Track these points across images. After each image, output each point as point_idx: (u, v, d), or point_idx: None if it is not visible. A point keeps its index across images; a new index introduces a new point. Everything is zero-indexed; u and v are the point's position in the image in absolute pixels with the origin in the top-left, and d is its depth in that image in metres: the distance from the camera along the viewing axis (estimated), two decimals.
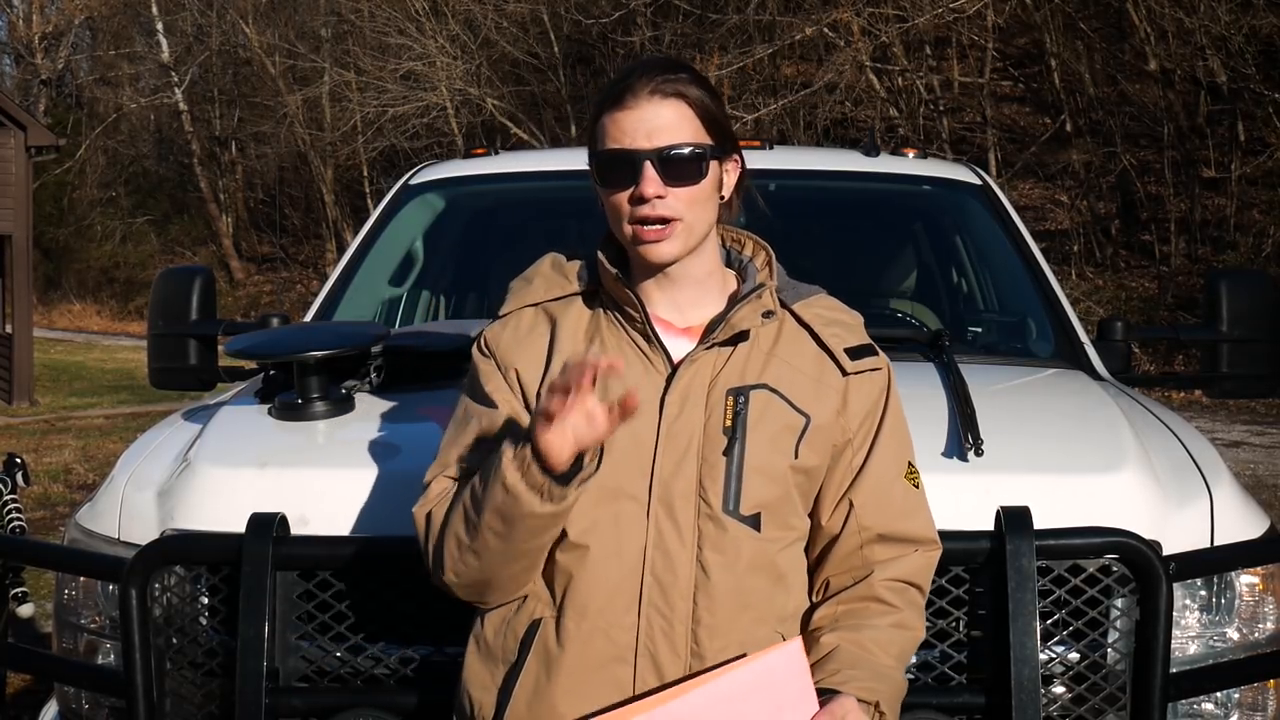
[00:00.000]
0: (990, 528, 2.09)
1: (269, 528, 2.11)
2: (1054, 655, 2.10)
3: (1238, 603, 2.22)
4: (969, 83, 21.00)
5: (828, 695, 1.74)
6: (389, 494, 2.15)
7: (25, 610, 3.86)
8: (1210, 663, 2.18)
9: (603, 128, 1.85)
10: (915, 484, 1.92)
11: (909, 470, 1.92)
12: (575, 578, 1.79)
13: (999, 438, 2.25)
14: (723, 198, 1.92)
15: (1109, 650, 2.09)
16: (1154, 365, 15.58)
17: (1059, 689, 2.10)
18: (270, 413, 2.52)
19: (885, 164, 3.93)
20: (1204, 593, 2.21)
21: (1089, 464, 2.28)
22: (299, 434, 2.44)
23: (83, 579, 2.39)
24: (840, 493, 1.88)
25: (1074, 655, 2.10)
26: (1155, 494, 2.23)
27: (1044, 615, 2.08)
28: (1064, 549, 2.09)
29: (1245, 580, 2.23)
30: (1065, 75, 20.62)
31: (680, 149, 1.82)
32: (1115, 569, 2.09)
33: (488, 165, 4.04)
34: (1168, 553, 2.12)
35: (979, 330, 3.86)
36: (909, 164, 3.99)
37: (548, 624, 1.80)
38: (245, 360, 2.79)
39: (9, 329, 19.13)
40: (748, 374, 1.86)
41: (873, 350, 1.94)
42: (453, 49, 24.08)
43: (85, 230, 39.20)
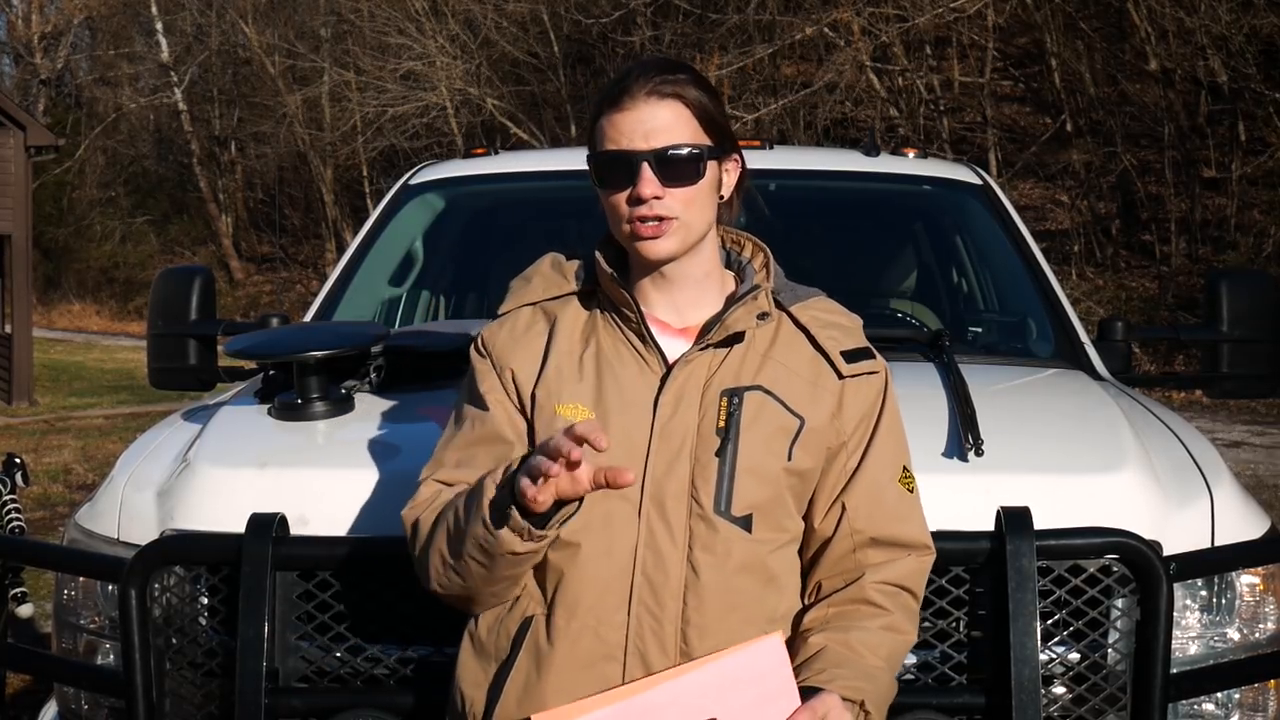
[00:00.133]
0: (990, 528, 2.09)
1: (269, 528, 2.11)
2: (1054, 655, 2.09)
3: (1238, 603, 2.22)
4: (969, 83, 21.00)
5: (812, 693, 1.73)
6: (389, 494, 2.15)
7: (25, 610, 3.87)
8: (1211, 663, 2.18)
9: (601, 129, 1.86)
10: (910, 488, 1.92)
11: (904, 475, 1.92)
12: (566, 575, 1.80)
13: (999, 438, 2.25)
14: (722, 198, 1.92)
15: (1109, 650, 2.09)
16: (1154, 365, 15.58)
17: (1059, 689, 2.10)
18: (270, 413, 2.52)
19: (885, 164, 3.93)
20: (1204, 593, 2.21)
21: (1089, 464, 2.28)
22: (299, 434, 2.44)
23: (82, 579, 2.38)
24: (834, 496, 1.88)
25: (1074, 655, 2.10)
26: (1155, 494, 2.23)
27: (1044, 615, 2.08)
28: (1064, 549, 2.09)
29: (1246, 580, 2.23)
30: (1065, 75, 20.62)
31: (677, 149, 1.82)
32: (1115, 569, 2.08)
33: (488, 165, 4.04)
34: (1168, 553, 2.11)
35: (979, 330, 3.85)
36: (909, 164, 3.99)
37: (539, 621, 1.81)
38: (245, 360, 2.79)
39: (9, 329, 19.13)
40: (743, 375, 1.86)
41: (870, 354, 1.94)
42: (452, 49, 24.08)
43: (85, 230, 39.20)
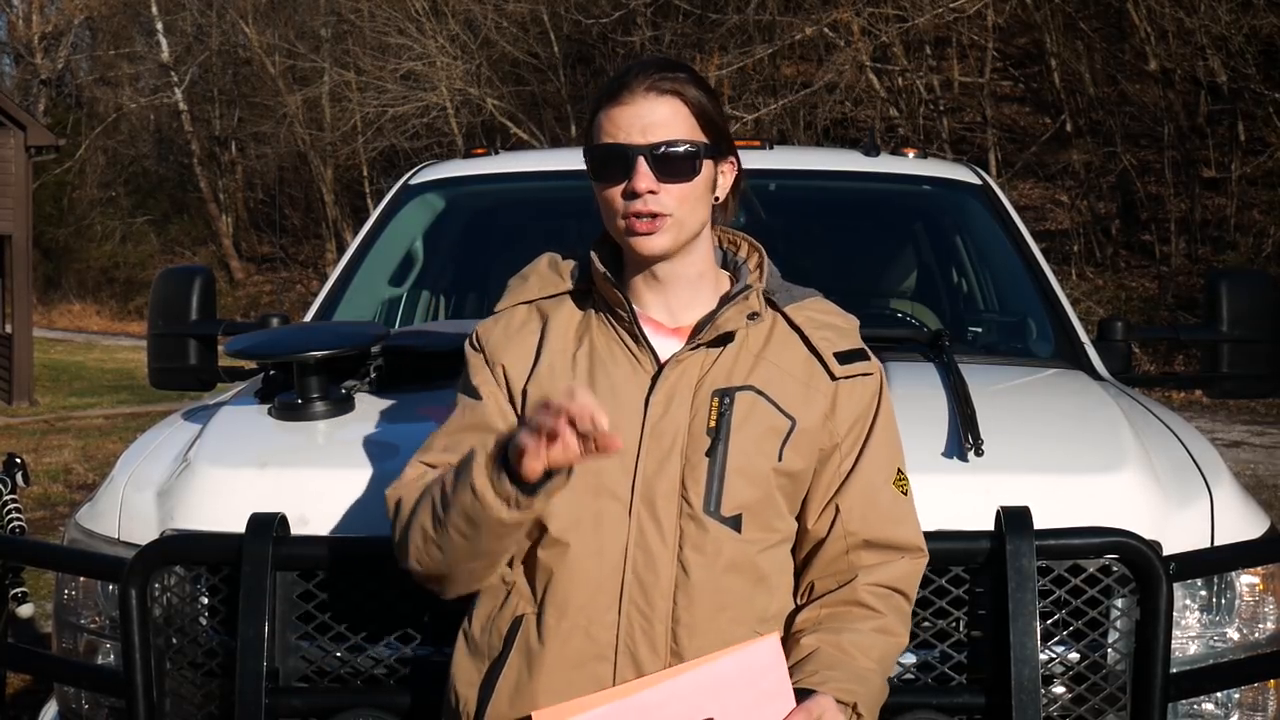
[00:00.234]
0: (990, 528, 2.09)
1: (269, 528, 2.11)
2: (1054, 655, 2.10)
3: (1238, 603, 2.22)
4: (969, 83, 21.00)
5: (806, 695, 1.74)
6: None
7: (25, 610, 3.86)
8: (1210, 663, 2.18)
9: (599, 123, 1.87)
10: (904, 491, 1.92)
11: (898, 477, 1.91)
12: (557, 575, 1.80)
13: (999, 438, 2.25)
14: (717, 198, 1.92)
15: (1109, 650, 2.09)
16: (1154, 365, 15.58)
17: (1059, 689, 2.10)
18: (270, 413, 2.52)
19: (885, 164, 3.93)
20: (1204, 593, 2.21)
21: (1089, 464, 2.28)
22: (299, 434, 2.44)
23: (83, 579, 2.38)
24: (827, 497, 1.88)
25: (1074, 655, 2.10)
26: (1155, 494, 2.23)
27: (1044, 615, 2.08)
28: (1064, 549, 2.09)
29: (1245, 580, 2.23)
30: (1065, 75, 20.61)
31: (674, 145, 1.83)
32: (1115, 569, 2.09)
33: (488, 165, 4.04)
34: (1168, 553, 2.11)
35: (979, 330, 3.86)
36: (909, 164, 3.99)
37: (529, 621, 1.81)
38: (245, 360, 2.79)
39: (9, 329, 19.13)
40: (734, 375, 1.86)
41: (864, 355, 1.93)
42: (453, 49, 24.08)
43: (85, 230, 39.19)
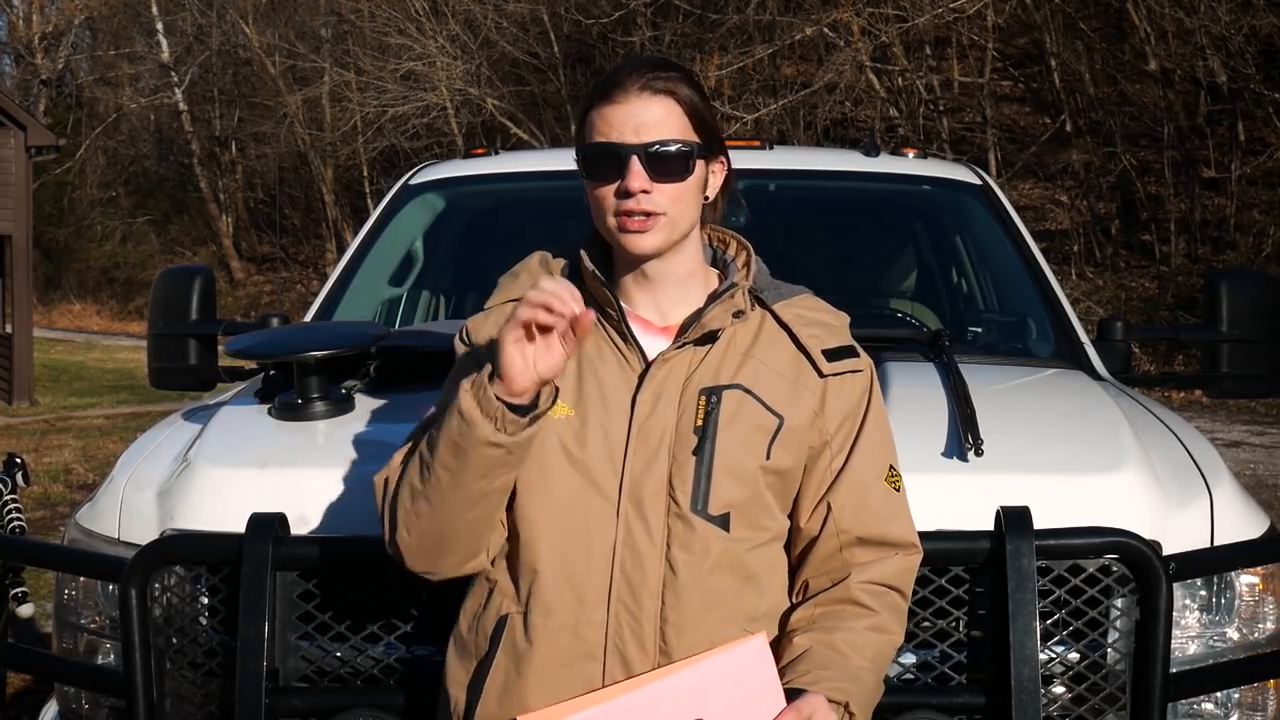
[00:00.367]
0: (990, 528, 2.09)
1: (269, 528, 2.11)
2: (1054, 655, 2.10)
3: (1238, 603, 2.22)
4: (969, 83, 21.00)
5: (798, 694, 1.73)
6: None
7: (25, 610, 3.86)
8: (1210, 663, 2.18)
9: (591, 122, 1.87)
10: (896, 487, 1.91)
11: (890, 474, 1.91)
12: (543, 574, 1.80)
13: (999, 438, 2.25)
14: (707, 198, 1.92)
15: (1109, 650, 2.09)
16: (1154, 365, 15.58)
17: (1059, 689, 2.10)
18: (270, 413, 2.52)
19: (885, 164, 3.93)
20: (1204, 593, 2.21)
21: (1089, 464, 2.28)
22: (299, 434, 2.44)
23: (83, 579, 2.38)
24: (819, 495, 1.88)
25: (1074, 655, 2.10)
26: (1155, 494, 2.23)
27: (1044, 615, 2.08)
28: (1064, 549, 2.09)
29: (1245, 580, 2.23)
30: (1065, 75, 20.61)
31: (667, 145, 1.83)
32: (1115, 569, 2.09)
33: (488, 165, 4.04)
34: (1168, 553, 2.12)
35: (979, 330, 3.86)
36: (909, 164, 3.99)
37: (515, 620, 1.81)
38: (245, 360, 2.79)
39: (9, 329, 19.13)
40: (722, 374, 1.86)
41: (853, 352, 1.93)
42: (453, 49, 24.08)
43: (85, 230, 39.20)
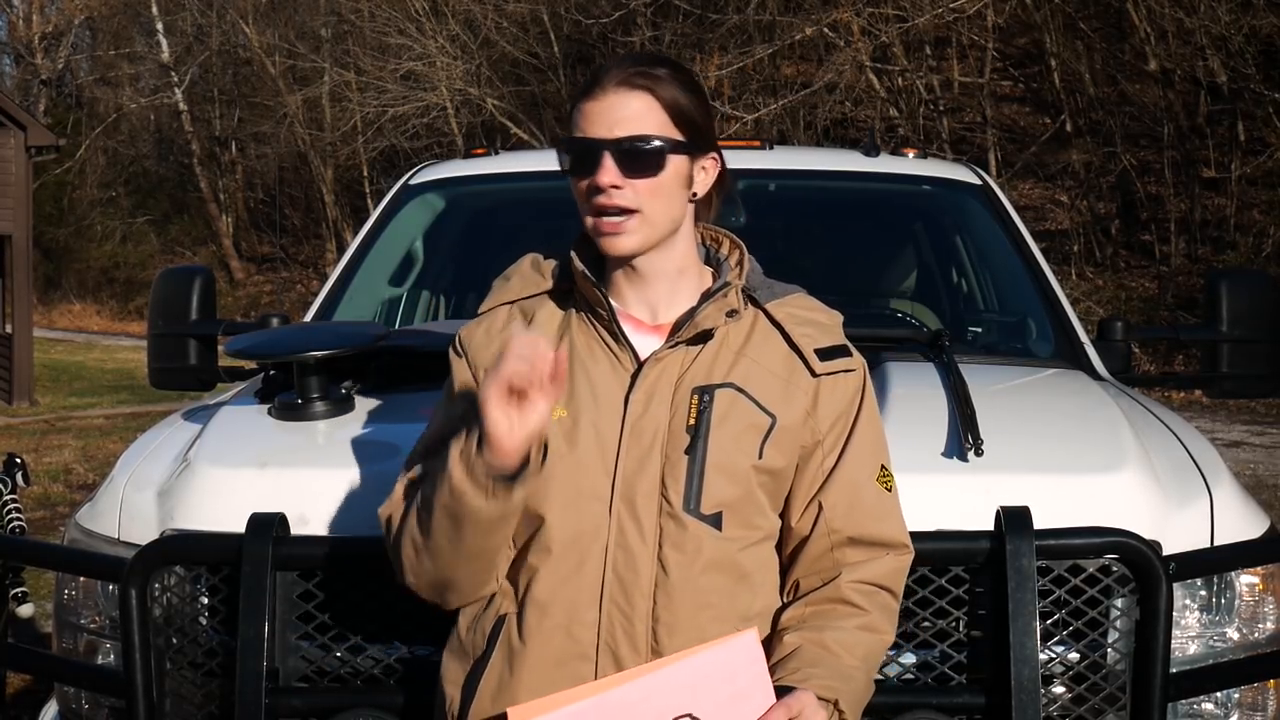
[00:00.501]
0: (990, 528, 2.09)
1: (269, 528, 2.11)
2: (1054, 655, 2.10)
3: (1238, 603, 2.22)
4: (969, 83, 20.99)
5: (787, 692, 1.73)
6: (389, 494, 2.15)
7: (25, 610, 3.86)
8: (1210, 663, 2.18)
9: (574, 118, 1.87)
10: (888, 487, 1.91)
11: (882, 473, 1.90)
12: (537, 574, 1.80)
13: (999, 438, 2.25)
14: (695, 195, 1.90)
15: (1109, 650, 2.09)
16: (1154, 365, 15.58)
17: (1059, 689, 2.10)
18: (270, 413, 2.52)
19: (885, 164, 3.93)
20: (1204, 593, 2.21)
21: (1089, 464, 2.28)
22: (299, 434, 2.44)
23: (83, 579, 2.38)
24: (810, 494, 1.87)
25: (1074, 655, 2.10)
26: (1155, 494, 2.23)
27: (1044, 615, 2.08)
28: (1064, 549, 2.09)
29: (1245, 580, 2.23)
30: (1065, 75, 20.61)
31: (639, 140, 1.82)
32: (1115, 569, 2.08)
33: (488, 165, 4.04)
34: (1168, 553, 2.11)
35: (979, 330, 3.86)
36: (909, 164, 3.99)
37: (510, 620, 1.82)
38: (245, 360, 2.79)
39: (9, 329, 19.14)
40: (714, 373, 1.85)
41: (846, 351, 1.92)
42: (453, 49, 24.07)
43: (85, 230, 39.20)
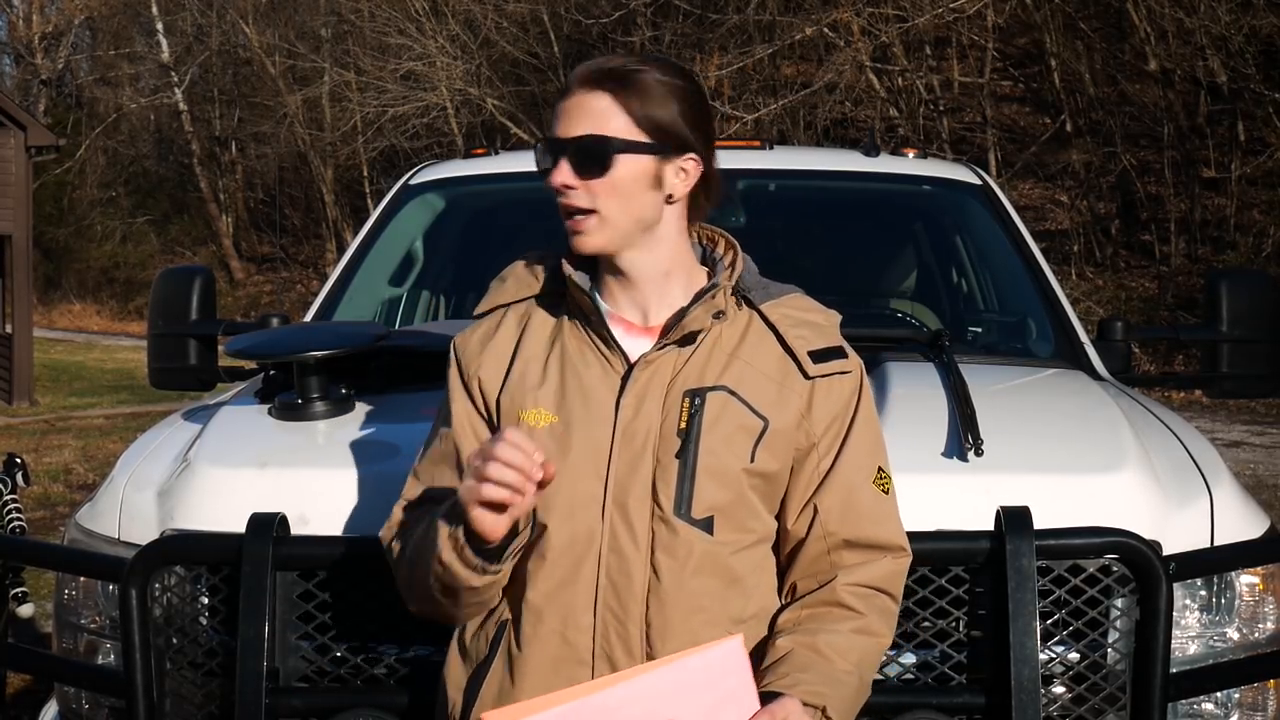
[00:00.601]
0: (990, 528, 2.09)
1: (269, 528, 2.11)
2: (1054, 655, 2.10)
3: (1238, 603, 2.22)
4: (969, 83, 20.99)
5: (774, 697, 1.71)
6: (389, 494, 2.14)
7: (25, 610, 3.86)
8: (1210, 663, 2.18)
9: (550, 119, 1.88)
10: (885, 489, 1.89)
11: (878, 476, 1.89)
12: (533, 580, 1.80)
13: (999, 438, 2.25)
14: (670, 198, 1.87)
15: (1109, 650, 2.09)
16: (1154, 365, 15.58)
17: (1059, 689, 2.10)
18: (270, 413, 2.52)
19: (885, 164, 3.93)
20: (1204, 593, 2.21)
21: (1089, 464, 2.27)
22: (299, 434, 2.44)
23: (83, 579, 2.38)
24: (806, 497, 1.86)
25: (1074, 655, 2.10)
26: (1155, 494, 2.22)
27: (1044, 615, 2.08)
28: (1064, 549, 2.09)
29: (1245, 580, 2.23)
30: (1065, 75, 20.61)
31: (586, 140, 1.80)
32: (1115, 569, 2.08)
33: (488, 165, 4.04)
34: (1168, 553, 2.11)
35: (979, 330, 3.86)
36: (909, 164, 3.99)
37: (510, 626, 1.83)
38: (245, 360, 2.79)
39: (9, 329, 19.13)
40: (707, 375, 1.84)
41: (841, 352, 1.90)
42: (453, 49, 24.07)
43: (85, 230, 39.19)
